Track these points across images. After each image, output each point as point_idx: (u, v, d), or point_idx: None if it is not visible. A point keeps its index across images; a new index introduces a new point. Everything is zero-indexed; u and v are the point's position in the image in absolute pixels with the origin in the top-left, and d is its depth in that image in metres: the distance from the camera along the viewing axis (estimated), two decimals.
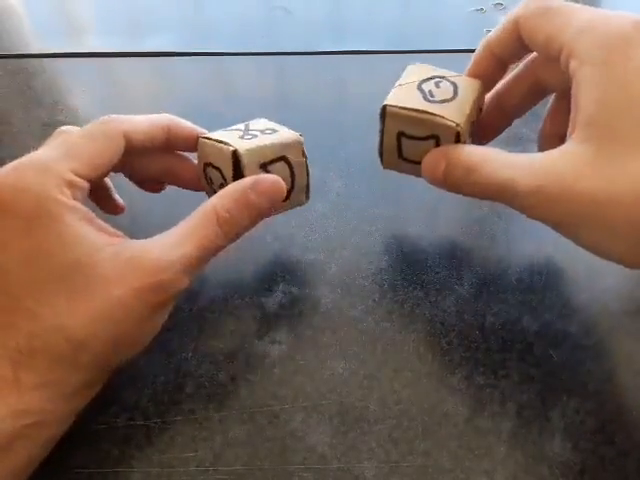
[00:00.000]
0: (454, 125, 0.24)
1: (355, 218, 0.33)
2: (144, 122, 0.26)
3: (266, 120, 0.29)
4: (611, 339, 0.27)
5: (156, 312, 0.22)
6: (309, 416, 0.24)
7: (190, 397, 0.24)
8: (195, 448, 0.23)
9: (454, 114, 0.24)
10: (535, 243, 0.32)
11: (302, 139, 0.27)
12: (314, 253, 0.31)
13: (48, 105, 0.43)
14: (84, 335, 0.20)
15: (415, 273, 0.30)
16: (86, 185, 0.23)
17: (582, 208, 0.21)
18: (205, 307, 0.28)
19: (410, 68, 0.28)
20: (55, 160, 0.22)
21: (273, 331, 0.27)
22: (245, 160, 0.25)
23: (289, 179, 0.27)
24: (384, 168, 0.29)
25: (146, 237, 0.32)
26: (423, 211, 0.34)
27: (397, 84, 0.27)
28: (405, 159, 0.27)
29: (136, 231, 0.32)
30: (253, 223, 0.24)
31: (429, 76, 0.27)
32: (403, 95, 0.26)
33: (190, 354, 0.26)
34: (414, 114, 0.25)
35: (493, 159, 0.23)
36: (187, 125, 0.27)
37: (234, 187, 0.24)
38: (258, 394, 0.25)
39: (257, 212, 0.24)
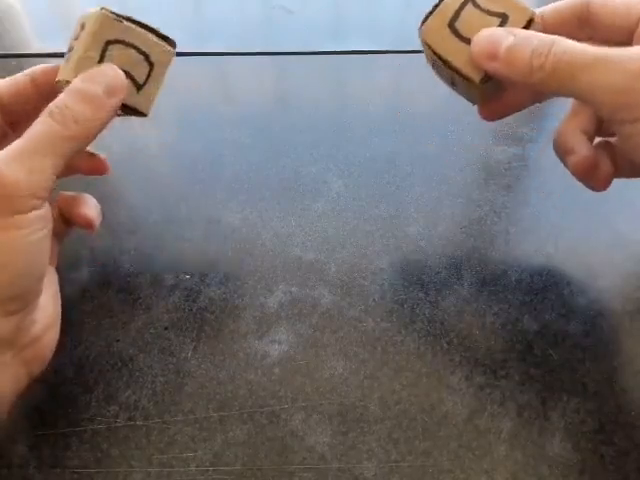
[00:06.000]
0: (530, 10, 0.23)
1: (355, 218, 0.33)
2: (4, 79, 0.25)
3: None
4: (611, 339, 0.27)
5: (7, 217, 0.20)
6: (309, 416, 0.24)
7: (190, 397, 0.24)
8: (195, 448, 0.23)
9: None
10: (535, 243, 0.32)
11: None
12: (314, 253, 0.31)
13: None
14: None
15: (415, 273, 0.30)
16: None
17: None
18: (205, 307, 0.28)
19: None
20: None
21: (273, 331, 0.27)
22: None
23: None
24: (421, 35, 0.25)
25: (145, 235, 0.32)
26: (423, 211, 0.34)
27: None
28: (454, 31, 0.24)
29: (135, 229, 0.32)
30: (96, 114, 0.22)
31: None
32: None
33: (190, 354, 0.26)
34: None
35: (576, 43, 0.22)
36: (50, 65, 0.25)
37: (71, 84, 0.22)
38: (258, 394, 0.25)
39: (95, 100, 0.22)
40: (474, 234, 0.32)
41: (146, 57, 0.24)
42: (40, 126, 0.20)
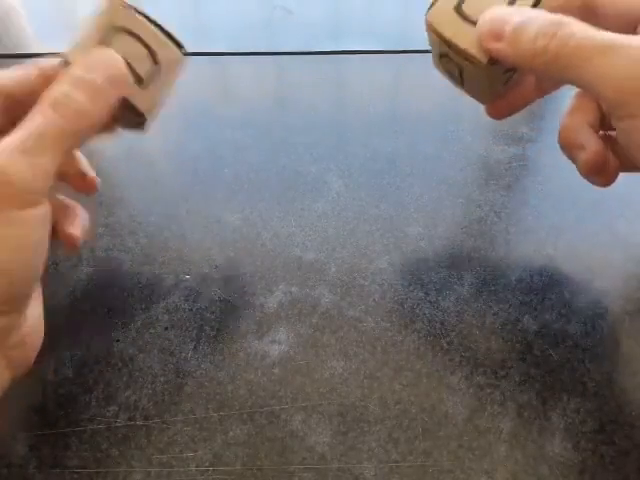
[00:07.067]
0: None
1: (355, 218, 0.33)
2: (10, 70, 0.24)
3: None
4: (611, 339, 0.27)
5: (10, 214, 0.19)
6: (309, 416, 0.24)
7: (190, 397, 0.24)
8: (195, 448, 0.23)
9: None
10: (535, 243, 0.32)
11: None
12: (314, 253, 0.31)
13: None
14: None
15: (415, 273, 0.30)
16: None
17: None
18: (205, 307, 0.28)
19: None
20: None
21: (273, 331, 0.27)
22: None
23: None
24: (427, 21, 0.24)
25: (148, 238, 0.32)
26: (423, 211, 0.34)
27: None
28: (460, 13, 0.24)
29: (135, 229, 0.32)
30: (97, 104, 0.21)
31: None
32: None
33: (190, 354, 0.26)
34: None
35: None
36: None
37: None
38: (258, 394, 0.25)
39: (92, 88, 0.20)
40: (474, 234, 0.32)
41: (151, 54, 0.23)
42: (42, 118, 0.19)
